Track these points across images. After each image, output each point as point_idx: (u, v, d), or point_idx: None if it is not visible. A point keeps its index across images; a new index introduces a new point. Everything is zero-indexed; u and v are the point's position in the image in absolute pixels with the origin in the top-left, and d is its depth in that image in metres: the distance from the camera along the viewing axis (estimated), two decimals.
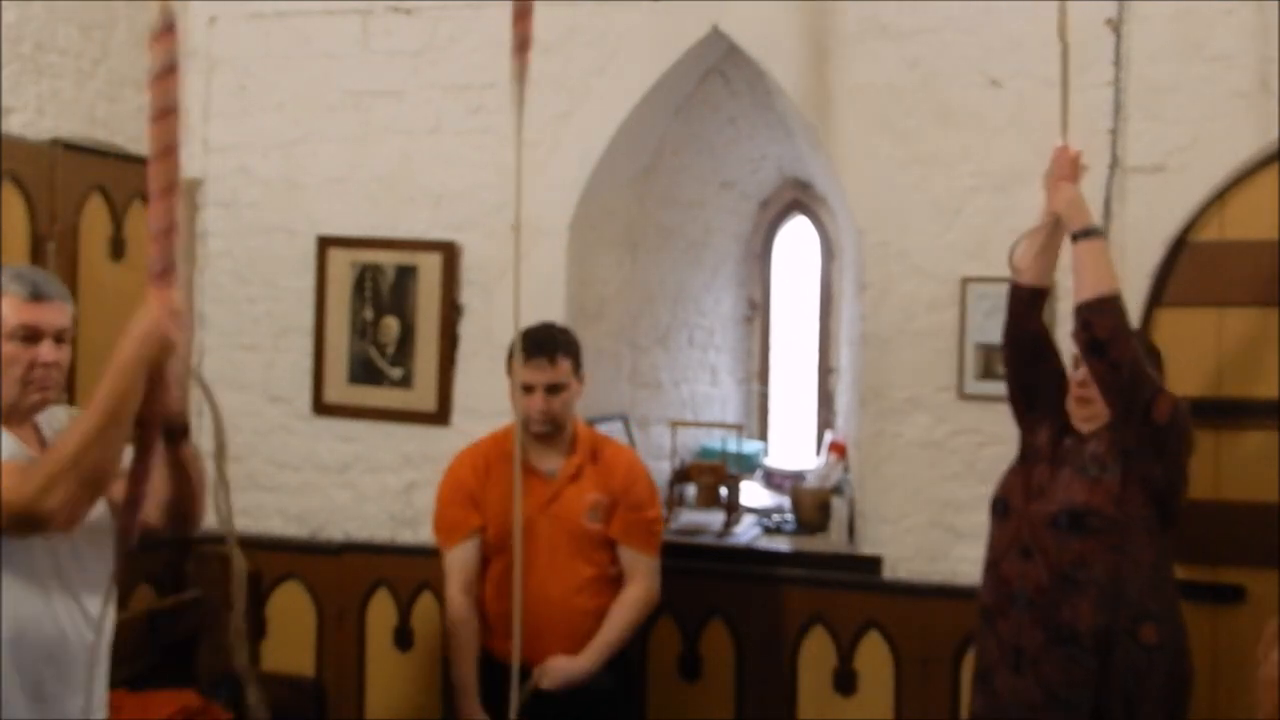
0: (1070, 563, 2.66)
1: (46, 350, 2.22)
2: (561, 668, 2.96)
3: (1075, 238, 2.71)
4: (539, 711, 2.96)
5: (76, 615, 2.26)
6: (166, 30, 1.99)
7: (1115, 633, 2.63)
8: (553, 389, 3.01)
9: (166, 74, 2.01)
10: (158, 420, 2.06)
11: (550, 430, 3.04)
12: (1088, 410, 2.76)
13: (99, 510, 2.34)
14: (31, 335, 2.21)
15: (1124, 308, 2.67)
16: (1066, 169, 2.76)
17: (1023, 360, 2.90)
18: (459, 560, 3.07)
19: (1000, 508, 2.86)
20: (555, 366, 3.00)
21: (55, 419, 2.33)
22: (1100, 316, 2.61)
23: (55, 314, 2.25)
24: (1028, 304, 2.86)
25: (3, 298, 2.21)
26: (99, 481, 2.02)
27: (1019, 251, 2.86)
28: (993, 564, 2.83)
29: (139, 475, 2.07)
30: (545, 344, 3.01)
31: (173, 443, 2.22)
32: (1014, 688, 2.71)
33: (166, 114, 2.01)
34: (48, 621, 2.20)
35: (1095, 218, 2.71)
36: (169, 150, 2.01)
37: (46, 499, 1.95)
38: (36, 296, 2.22)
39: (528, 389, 2.98)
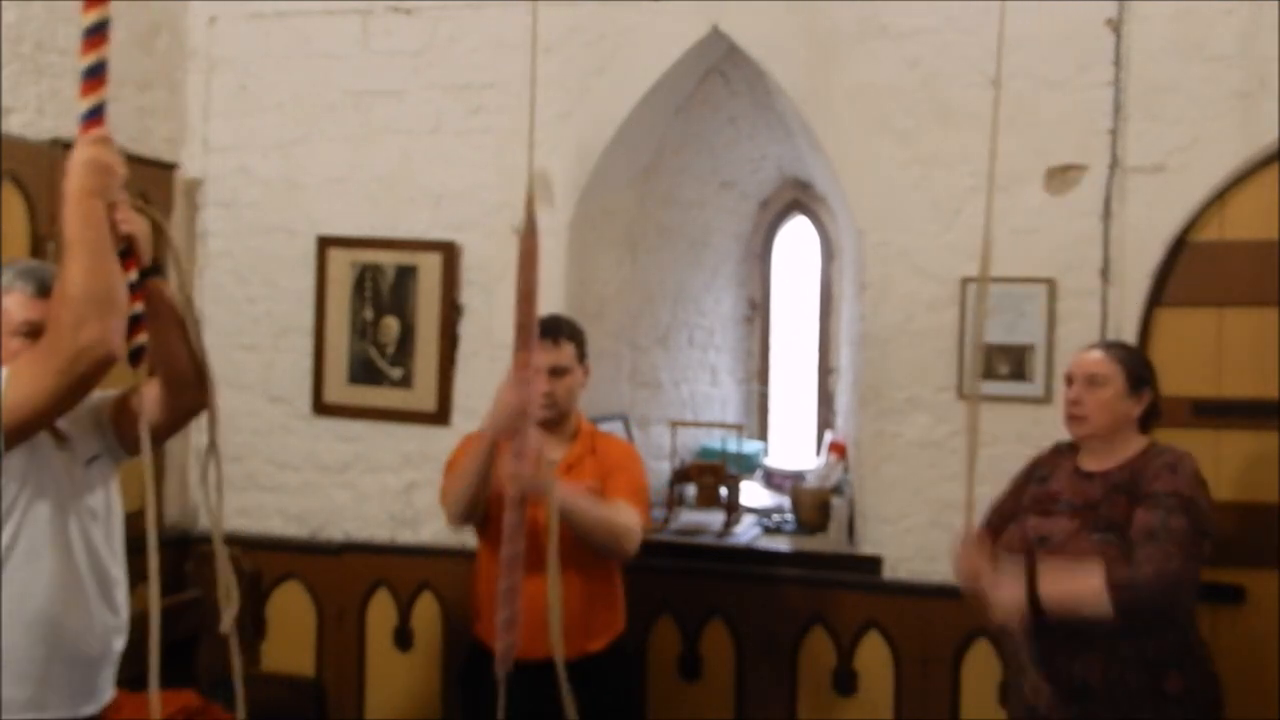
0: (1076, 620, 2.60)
1: None
2: (533, 466, 2.64)
3: (1038, 608, 2.58)
4: (538, 710, 2.97)
5: (100, 604, 2.28)
6: None
7: (1136, 689, 2.58)
8: (556, 372, 3.01)
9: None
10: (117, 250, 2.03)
11: (552, 415, 3.03)
12: (1082, 427, 2.76)
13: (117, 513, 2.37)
14: (36, 331, 2.21)
15: (1122, 584, 2.51)
16: (969, 571, 2.68)
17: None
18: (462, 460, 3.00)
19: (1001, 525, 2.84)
20: (559, 348, 3.01)
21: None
22: (1131, 608, 2.50)
23: None
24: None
25: (10, 293, 2.22)
26: (116, 306, 1.96)
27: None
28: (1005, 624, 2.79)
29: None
30: (550, 327, 3.00)
31: (143, 278, 2.16)
32: None
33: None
34: (86, 598, 2.22)
35: (1015, 599, 2.59)
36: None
37: (81, 335, 1.89)
38: (44, 292, 2.23)
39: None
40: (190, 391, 2.32)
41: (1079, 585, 2.54)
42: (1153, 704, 2.58)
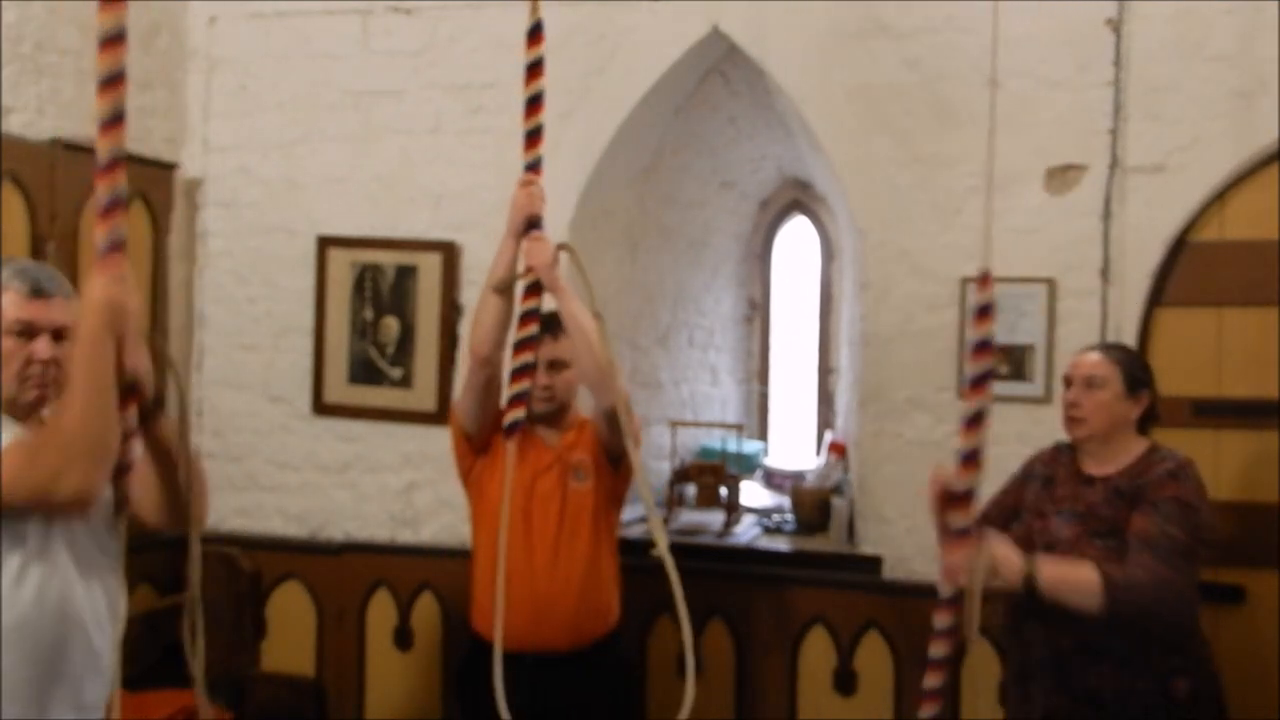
0: (1089, 627, 2.60)
1: (42, 347, 2.21)
2: (545, 248, 2.90)
3: (1030, 588, 2.56)
4: (537, 710, 2.97)
5: (96, 599, 2.27)
6: None
7: (1144, 695, 2.58)
8: (555, 365, 3.02)
9: (113, 42, 2.03)
10: (120, 387, 2.09)
11: (551, 409, 3.05)
12: (1080, 429, 2.76)
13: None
14: (28, 331, 2.20)
15: (1117, 584, 2.51)
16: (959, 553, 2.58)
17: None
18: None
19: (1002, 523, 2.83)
20: (559, 343, 3.02)
21: None
22: (1122, 609, 2.50)
23: (55, 311, 2.24)
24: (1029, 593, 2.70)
25: (6, 292, 2.22)
26: (107, 454, 2.03)
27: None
28: (1014, 629, 2.79)
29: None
30: (551, 321, 3.02)
31: (143, 419, 2.20)
32: None
33: (114, 82, 2.04)
34: (68, 606, 2.22)
35: (1019, 565, 2.55)
36: (117, 120, 2.03)
37: (63, 482, 1.97)
38: (37, 293, 2.23)
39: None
40: (179, 515, 2.35)
41: (1076, 572, 2.54)
42: (1162, 710, 2.58)
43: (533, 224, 2.92)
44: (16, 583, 2.16)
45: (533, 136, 2.88)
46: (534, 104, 2.89)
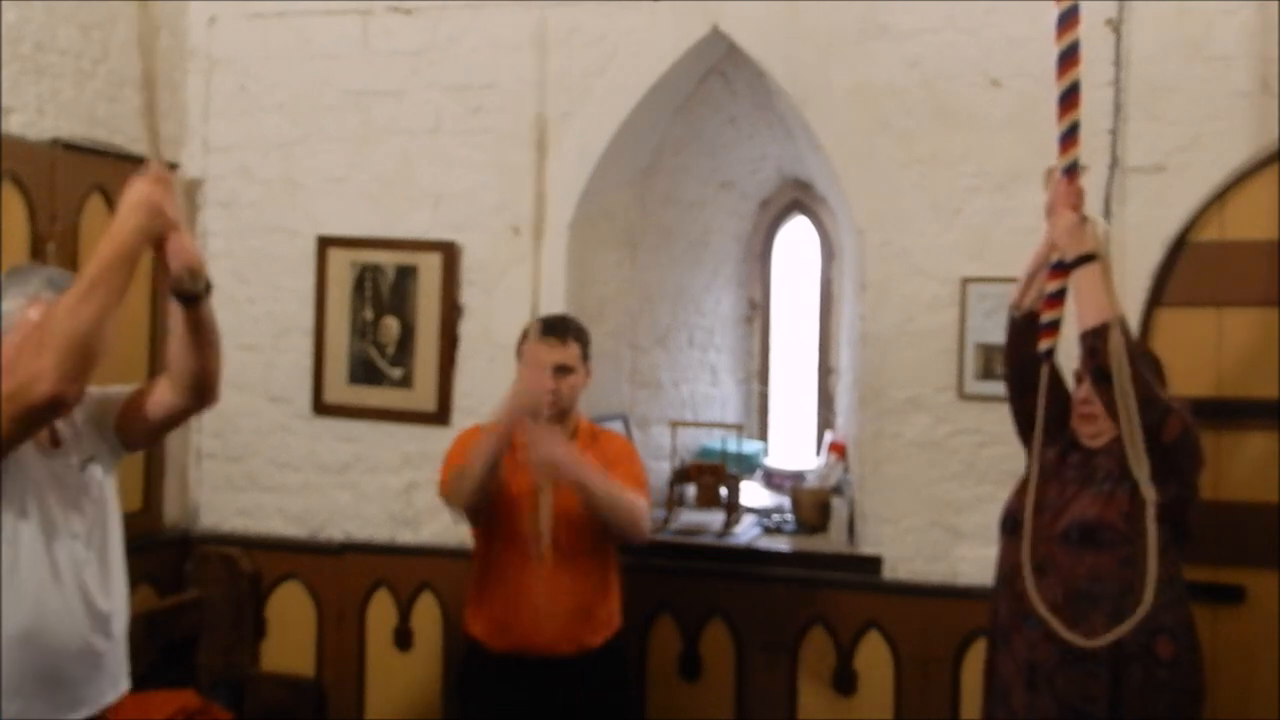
0: (1084, 578, 2.63)
1: None
2: (553, 443, 2.83)
3: (1074, 264, 2.62)
4: (537, 714, 2.97)
5: (98, 598, 2.29)
6: None
7: (1130, 647, 2.59)
8: (561, 370, 3.02)
9: None
10: (165, 287, 2.09)
11: (554, 414, 3.03)
12: (1092, 427, 2.76)
13: (115, 515, 2.36)
14: None
15: (1127, 332, 2.61)
16: (1066, 197, 2.63)
17: (1025, 385, 2.87)
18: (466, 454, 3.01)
19: (1010, 525, 2.82)
20: (565, 347, 3.03)
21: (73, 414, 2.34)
22: (1105, 342, 2.55)
23: None
24: (1025, 330, 2.82)
25: (36, 303, 2.21)
26: (92, 356, 1.98)
27: (1017, 288, 2.82)
28: (1005, 580, 2.79)
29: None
30: (557, 326, 3.06)
31: (188, 306, 2.25)
32: (1030, 704, 2.68)
33: None
34: (66, 612, 2.22)
35: (1094, 241, 2.59)
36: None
37: (39, 384, 1.92)
38: None
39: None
40: (199, 398, 2.39)
41: (1103, 296, 2.55)
42: (1142, 665, 2.60)
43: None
44: (11, 576, 2.16)
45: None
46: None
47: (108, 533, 2.37)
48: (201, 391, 2.37)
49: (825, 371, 4.79)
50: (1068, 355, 2.83)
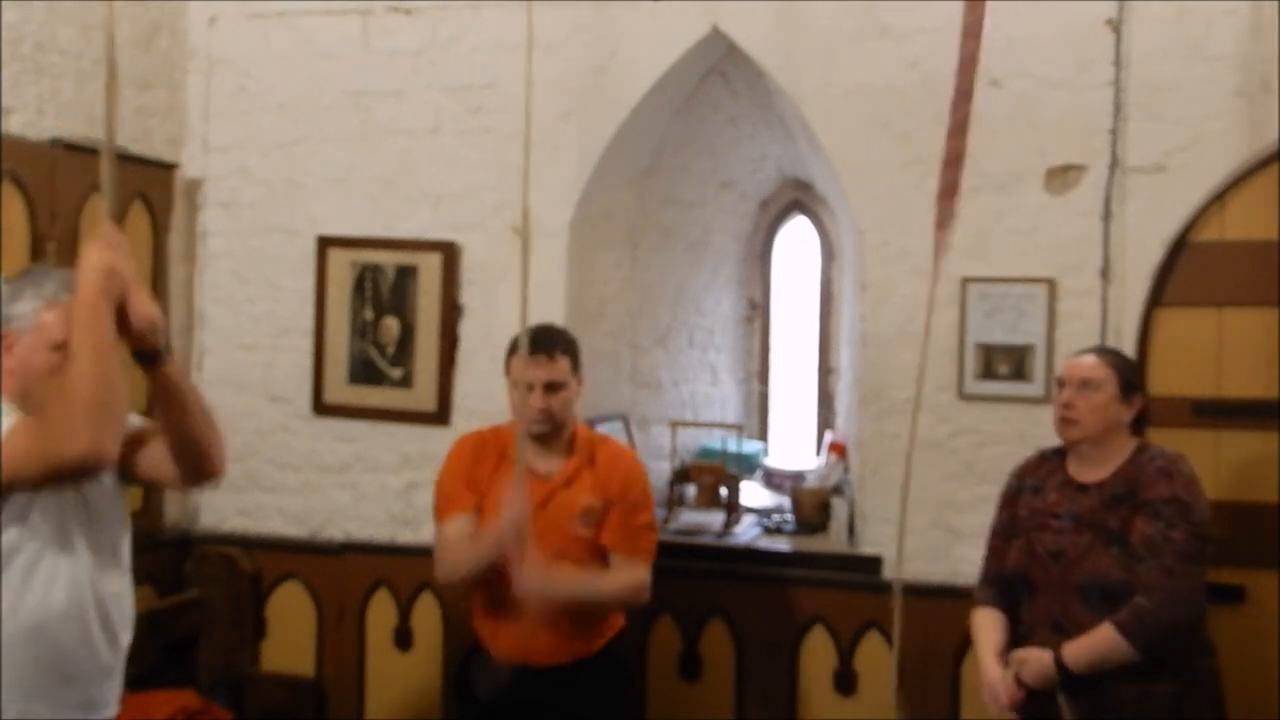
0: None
1: None
2: (536, 577, 2.81)
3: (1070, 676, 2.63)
4: (535, 710, 2.97)
5: (108, 602, 2.29)
6: None
7: (1155, 697, 2.60)
8: (551, 387, 2.97)
9: None
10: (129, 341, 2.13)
11: (548, 430, 3.00)
12: (1074, 430, 2.76)
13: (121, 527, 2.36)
14: None
15: (1137, 626, 2.57)
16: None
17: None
18: (454, 530, 2.99)
19: (1023, 587, 2.81)
20: (554, 363, 2.97)
21: None
22: (1153, 639, 2.56)
23: None
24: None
25: (54, 307, 2.20)
26: (115, 413, 2.02)
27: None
28: (1021, 639, 2.79)
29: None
30: (544, 341, 2.99)
31: (150, 365, 2.21)
32: None
33: None
34: (73, 612, 2.22)
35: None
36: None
37: (73, 443, 1.95)
38: None
39: (526, 387, 2.97)
40: (195, 473, 2.36)
41: (1098, 643, 2.59)
42: (1165, 699, 2.60)
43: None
44: (25, 581, 2.16)
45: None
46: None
47: (118, 541, 2.36)
48: (197, 467, 2.33)
49: (825, 371, 4.79)
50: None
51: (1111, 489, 2.69)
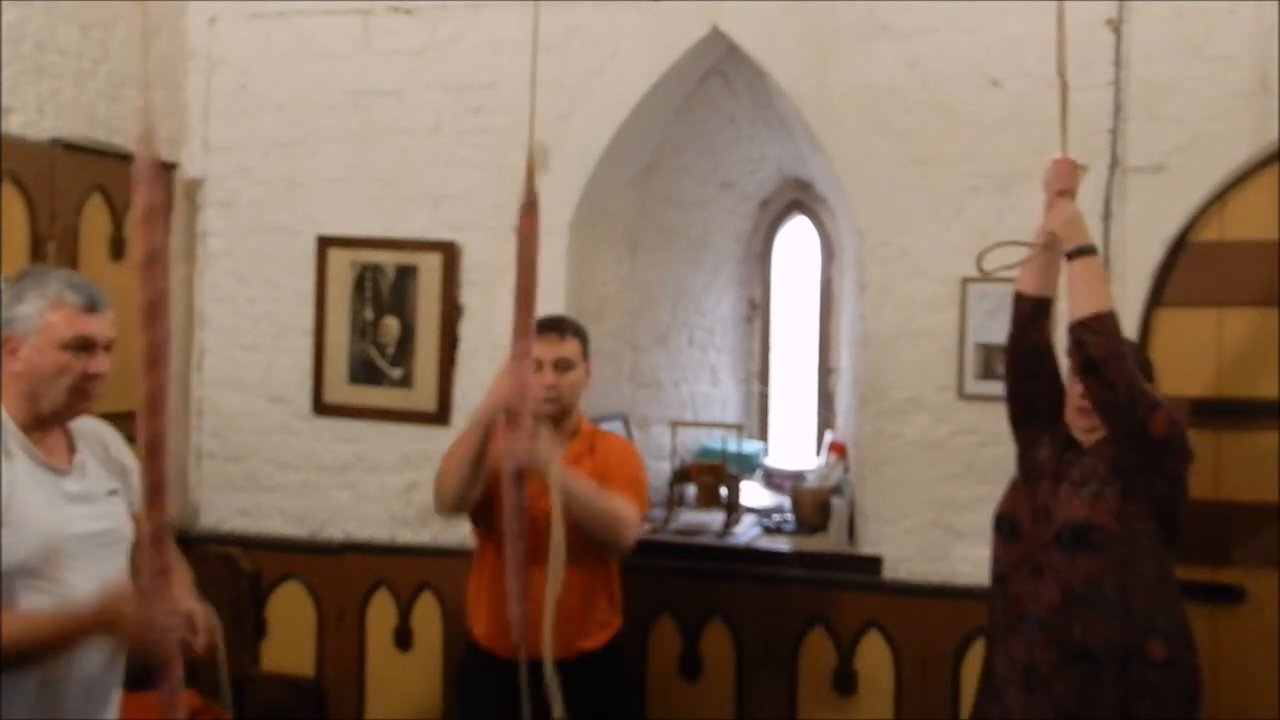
0: (1080, 580, 2.62)
1: (99, 362, 2.21)
2: (528, 443, 2.63)
3: (1070, 255, 2.65)
4: (537, 715, 2.96)
5: None
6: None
7: (1125, 650, 2.60)
8: (561, 365, 3.00)
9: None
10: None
11: (555, 411, 3.02)
12: (1088, 421, 2.75)
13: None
14: (86, 346, 2.20)
15: (1118, 326, 2.62)
16: (1065, 181, 2.68)
17: (1023, 371, 2.87)
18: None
19: (1007, 527, 2.81)
20: (564, 342, 3.01)
21: (81, 425, 2.33)
22: (1094, 335, 2.57)
23: (106, 325, 2.24)
24: (1031, 315, 2.82)
25: (59, 307, 2.20)
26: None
27: (1020, 270, 2.82)
28: (1000, 581, 2.79)
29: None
30: (555, 323, 3.04)
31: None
32: (1026, 706, 2.67)
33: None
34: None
35: (1091, 235, 2.64)
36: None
37: None
38: (91, 307, 2.22)
39: (536, 365, 2.99)
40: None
41: (1103, 285, 2.64)
42: (1137, 668, 2.60)
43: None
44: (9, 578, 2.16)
45: None
46: None
47: (122, 545, 2.36)
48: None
49: (825, 371, 4.79)
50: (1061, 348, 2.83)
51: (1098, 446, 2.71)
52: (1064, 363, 2.82)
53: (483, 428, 2.80)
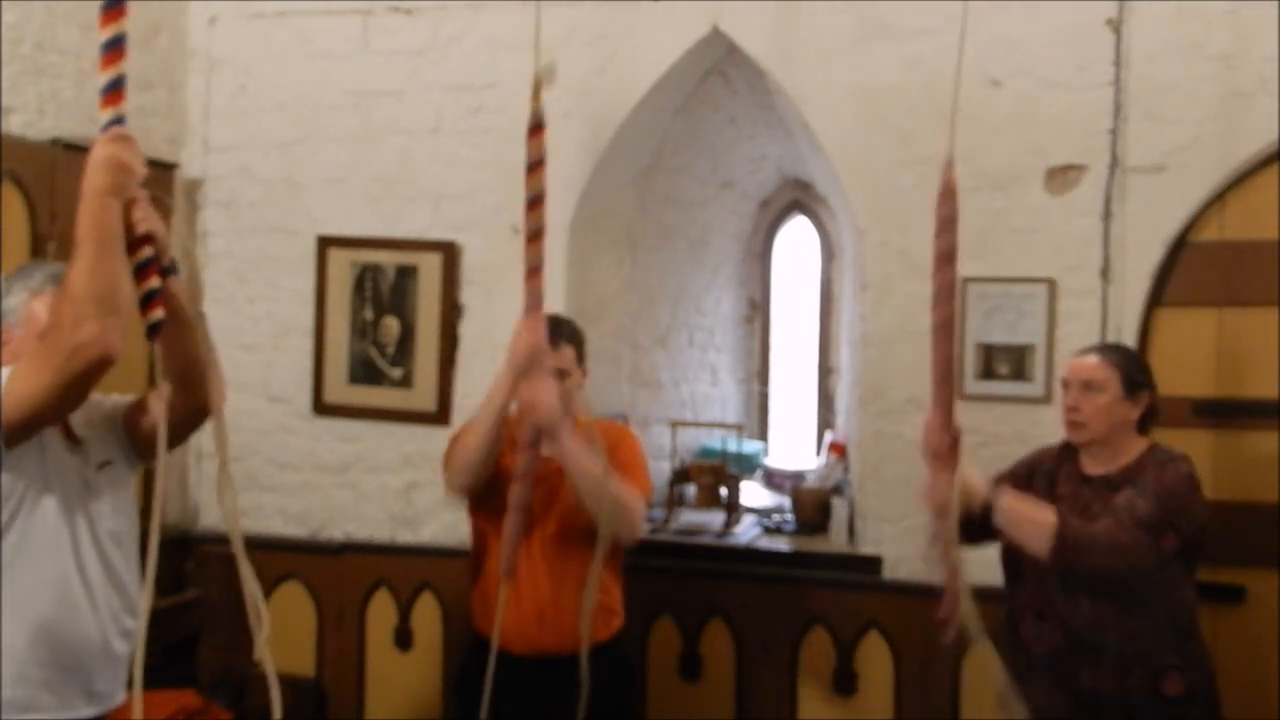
0: (1083, 626, 2.62)
1: None
2: (553, 408, 2.74)
3: (984, 510, 2.62)
4: (537, 712, 2.96)
5: (109, 592, 2.30)
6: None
7: (1138, 692, 2.59)
8: (556, 375, 2.99)
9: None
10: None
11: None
12: (1081, 433, 2.75)
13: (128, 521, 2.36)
14: None
15: (1068, 529, 2.54)
16: (930, 447, 2.60)
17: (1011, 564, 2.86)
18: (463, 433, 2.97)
19: (1013, 568, 2.81)
20: (558, 351, 2.98)
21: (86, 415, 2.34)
22: (1070, 557, 2.54)
23: None
24: (984, 523, 2.71)
25: (40, 296, 2.21)
26: (120, 304, 1.96)
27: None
28: (1011, 625, 2.79)
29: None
30: (550, 330, 2.98)
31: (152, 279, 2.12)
32: None
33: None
34: (91, 609, 2.26)
35: (976, 482, 2.64)
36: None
37: (79, 333, 1.89)
38: None
39: None
40: (198, 392, 2.27)
41: (1036, 512, 2.60)
42: (1151, 707, 2.59)
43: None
44: (17, 562, 2.16)
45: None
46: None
47: (124, 536, 2.37)
48: (194, 397, 2.26)
49: (825, 371, 4.79)
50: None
51: (1114, 481, 2.69)
52: (1058, 393, 2.82)
53: (504, 391, 2.81)
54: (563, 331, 3.06)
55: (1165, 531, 2.56)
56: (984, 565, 2.99)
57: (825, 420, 4.74)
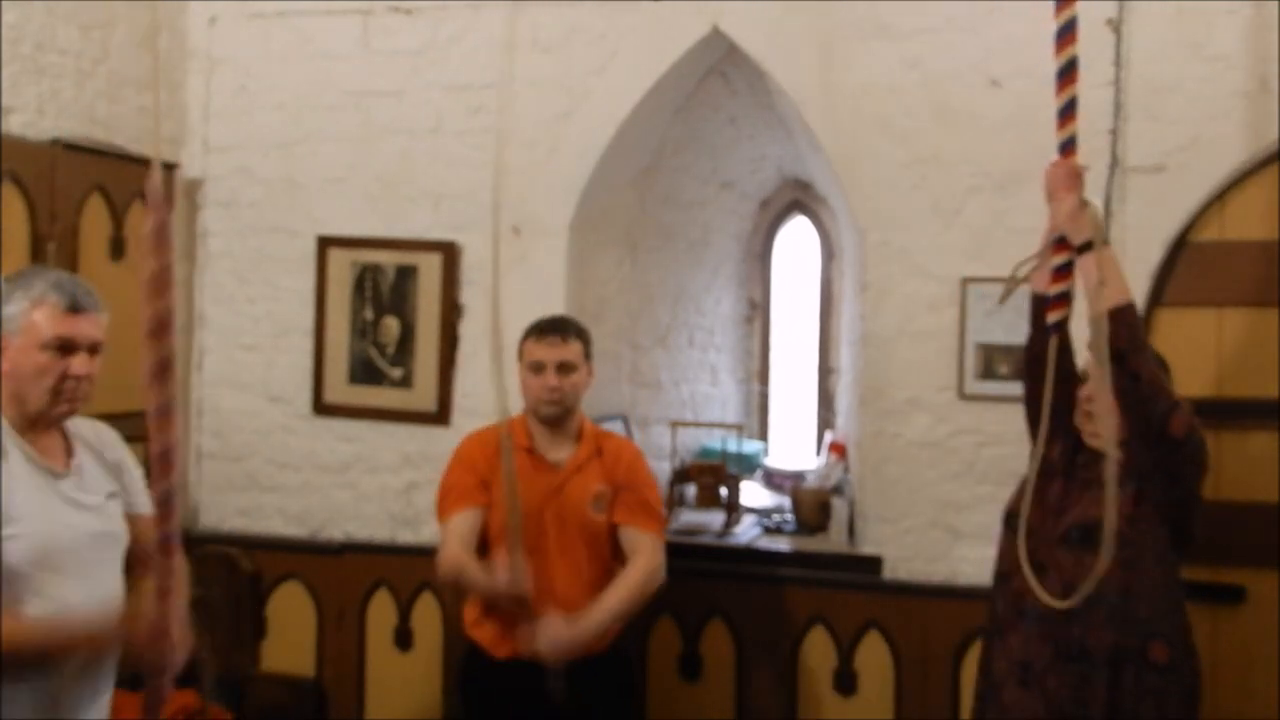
0: (1082, 579, 2.62)
1: (80, 363, 2.21)
2: (558, 633, 2.85)
3: (1080, 250, 2.62)
4: (538, 714, 2.96)
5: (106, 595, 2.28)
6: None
7: (1125, 651, 2.59)
8: (563, 368, 3.05)
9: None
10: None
11: (558, 413, 3.07)
12: (1093, 425, 2.75)
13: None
14: (66, 347, 2.19)
15: (1138, 318, 2.59)
16: (1065, 181, 2.59)
17: (1041, 371, 2.85)
18: (460, 525, 3.00)
19: (1013, 522, 2.80)
20: (566, 345, 3.07)
21: (79, 427, 2.33)
22: (1116, 326, 2.52)
23: (91, 326, 2.23)
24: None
25: (41, 306, 2.20)
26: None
27: (1033, 272, 2.74)
28: (1004, 577, 2.78)
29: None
30: (558, 324, 3.11)
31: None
32: (1020, 702, 2.67)
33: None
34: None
35: (1101, 226, 2.59)
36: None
37: None
38: (74, 308, 2.21)
39: (538, 368, 3.05)
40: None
41: (1118, 275, 2.58)
42: (1135, 670, 2.59)
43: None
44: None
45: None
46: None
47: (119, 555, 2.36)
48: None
49: (825, 371, 4.79)
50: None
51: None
52: (1082, 355, 2.75)
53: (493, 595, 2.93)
54: (570, 327, 3.14)
55: (1177, 407, 2.57)
56: (981, 565, 3.00)
57: (825, 420, 4.74)
